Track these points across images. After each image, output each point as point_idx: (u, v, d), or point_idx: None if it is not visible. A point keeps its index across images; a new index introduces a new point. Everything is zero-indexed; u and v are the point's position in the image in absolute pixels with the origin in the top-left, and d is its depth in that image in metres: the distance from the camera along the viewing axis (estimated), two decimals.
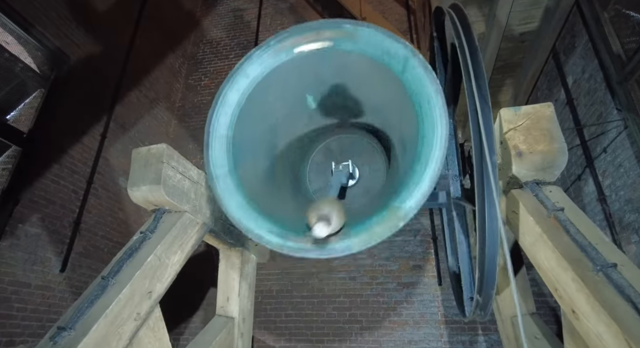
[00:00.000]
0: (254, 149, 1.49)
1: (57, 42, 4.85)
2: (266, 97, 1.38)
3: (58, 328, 1.31)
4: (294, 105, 1.62)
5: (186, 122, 7.34)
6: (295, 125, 1.75)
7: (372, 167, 1.89)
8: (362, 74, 1.39)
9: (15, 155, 4.21)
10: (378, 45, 1.20)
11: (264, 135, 1.57)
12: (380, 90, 1.43)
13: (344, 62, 1.31)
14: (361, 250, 1.17)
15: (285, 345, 5.14)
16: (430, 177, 1.14)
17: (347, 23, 1.23)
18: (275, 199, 1.57)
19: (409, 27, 6.89)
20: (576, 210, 1.37)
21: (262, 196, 1.45)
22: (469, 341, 4.73)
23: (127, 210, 5.70)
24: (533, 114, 1.50)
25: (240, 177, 1.35)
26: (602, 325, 1.04)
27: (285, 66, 1.29)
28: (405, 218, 1.15)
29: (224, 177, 1.32)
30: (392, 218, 1.16)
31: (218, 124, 1.31)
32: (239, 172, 1.35)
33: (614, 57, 3.31)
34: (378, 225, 1.17)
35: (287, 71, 1.31)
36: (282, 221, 1.34)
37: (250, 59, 1.28)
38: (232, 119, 1.31)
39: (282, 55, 1.27)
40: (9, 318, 3.80)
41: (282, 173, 1.74)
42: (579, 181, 3.86)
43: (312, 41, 1.25)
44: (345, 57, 1.28)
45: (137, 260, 1.57)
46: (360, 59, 1.26)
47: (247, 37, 7.94)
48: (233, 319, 2.28)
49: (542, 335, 1.76)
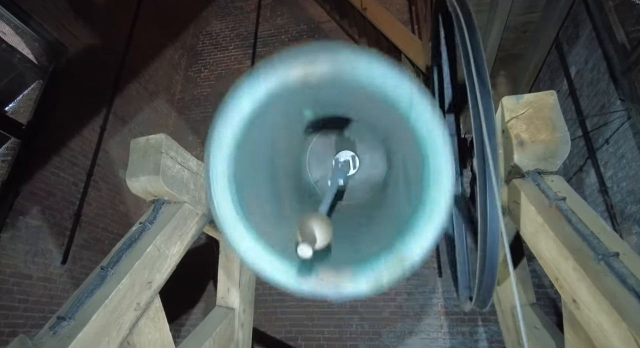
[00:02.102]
0: (255, 177, 1.45)
1: (55, 33, 4.81)
2: (263, 125, 1.31)
3: (58, 318, 1.31)
4: (291, 128, 1.60)
5: (186, 114, 7.31)
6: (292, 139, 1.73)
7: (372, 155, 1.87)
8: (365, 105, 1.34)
9: (14, 147, 4.20)
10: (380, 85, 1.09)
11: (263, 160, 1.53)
12: (383, 119, 1.37)
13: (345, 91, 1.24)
14: (370, 295, 1.19)
15: (286, 336, 5.18)
16: (435, 231, 1.11)
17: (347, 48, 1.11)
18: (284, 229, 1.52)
19: (410, 18, 6.82)
20: (578, 199, 1.36)
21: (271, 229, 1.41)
22: (469, 332, 4.76)
23: (127, 203, 5.71)
24: (535, 102, 1.48)
25: (247, 214, 1.30)
26: (603, 314, 1.03)
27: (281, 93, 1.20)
28: (411, 269, 1.15)
29: (233, 220, 1.28)
30: (399, 268, 1.15)
31: (217, 161, 1.25)
32: (245, 208, 1.30)
33: (618, 46, 3.27)
34: (385, 272, 1.16)
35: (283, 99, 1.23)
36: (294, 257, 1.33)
37: (242, 90, 1.19)
38: (231, 153, 1.25)
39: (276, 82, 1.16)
40: (11, 309, 3.83)
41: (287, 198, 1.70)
42: (581, 172, 3.84)
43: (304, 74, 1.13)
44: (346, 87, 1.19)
45: (137, 251, 1.57)
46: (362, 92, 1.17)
47: (247, 28, 7.87)
48: (233, 310, 2.28)
49: (542, 325, 1.76)
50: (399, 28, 5.88)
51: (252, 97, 1.16)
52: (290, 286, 1.24)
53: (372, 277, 1.17)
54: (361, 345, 4.95)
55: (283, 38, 7.62)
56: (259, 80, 1.15)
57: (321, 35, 7.42)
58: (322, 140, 1.91)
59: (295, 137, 1.71)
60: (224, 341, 2.15)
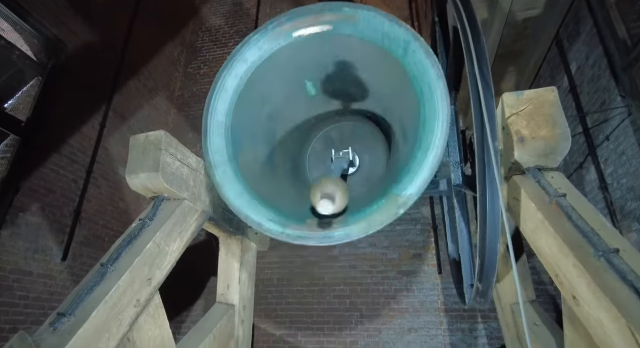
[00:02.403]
0: (253, 136, 1.47)
1: (54, 30, 4.79)
2: (265, 83, 1.35)
3: (58, 314, 1.31)
4: (294, 91, 1.59)
5: (186, 111, 7.30)
6: (295, 112, 1.72)
7: (372, 155, 1.87)
8: (362, 59, 1.36)
9: (14, 144, 4.19)
10: (378, 28, 1.17)
11: (263, 122, 1.54)
12: (381, 75, 1.40)
13: (344, 47, 1.28)
14: (360, 237, 1.16)
15: (286, 332, 5.20)
16: (431, 164, 1.12)
17: (347, 6, 1.20)
18: (275, 187, 1.55)
19: (410, 14, 6.80)
20: (578, 196, 1.35)
21: (262, 184, 1.43)
22: (468, 329, 4.77)
23: (127, 200, 5.71)
24: (536, 99, 1.48)
25: (239, 164, 1.33)
26: (603, 311, 1.03)
27: (285, 51, 1.25)
28: (405, 205, 1.14)
29: (223, 165, 1.30)
30: (392, 206, 1.14)
31: (216, 111, 1.28)
32: (238, 159, 1.32)
33: (620, 43, 3.26)
34: (378, 213, 1.16)
35: (286, 56, 1.28)
36: (282, 209, 1.33)
37: (249, 44, 1.25)
38: (231, 106, 1.28)
39: (281, 40, 1.23)
40: (11, 306, 3.84)
41: (282, 160, 1.72)
42: (581, 169, 3.84)
43: (311, 25, 1.21)
44: (346, 41, 1.24)
45: (137, 248, 1.57)
46: (360, 43, 1.22)
47: (247, 24, 7.84)
48: (234, 307, 2.29)
49: (541, 322, 1.76)
50: None
51: (258, 51, 1.20)
52: (275, 231, 1.24)
53: (363, 220, 1.17)
54: (361, 342, 4.97)
55: None
56: (265, 34, 1.20)
57: None
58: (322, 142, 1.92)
59: (297, 106, 1.70)
60: (224, 338, 2.15)
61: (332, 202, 0.97)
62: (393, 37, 1.16)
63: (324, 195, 0.98)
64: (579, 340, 1.32)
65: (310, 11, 1.22)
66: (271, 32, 1.23)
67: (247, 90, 1.29)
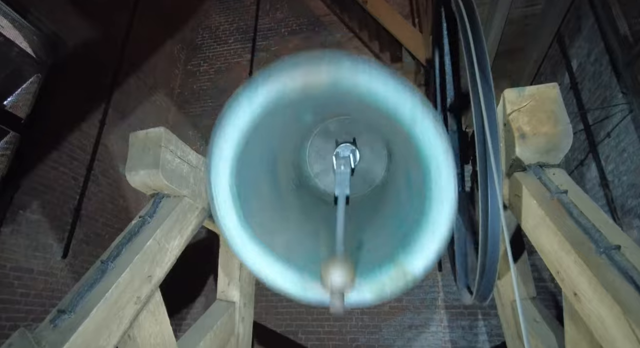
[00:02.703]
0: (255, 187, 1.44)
1: (52, 26, 4.77)
2: (260, 139, 1.29)
3: (58, 311, 1.31)
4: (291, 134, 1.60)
5: (185, 109, 7.28)
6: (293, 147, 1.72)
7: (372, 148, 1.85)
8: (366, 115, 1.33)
9: (13, 141, 4.19)
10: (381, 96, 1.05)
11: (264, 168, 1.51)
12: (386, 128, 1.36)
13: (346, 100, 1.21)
14: (373, 304, 1.21)
15: (287, 329, 5.21)
16: (438, 247, 1.12)
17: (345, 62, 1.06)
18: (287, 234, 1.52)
19: (410, 11, 6.77)
20: (580, 192, 1.35)
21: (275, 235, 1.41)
22: (468, 326, 4.78)
23: (127, 197, 5.71)
24: (537, 95, 1.47)
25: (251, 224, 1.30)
26: (604, 308, 1.03)
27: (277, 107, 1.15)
28: (413, 281, 1.16)
29: (237, 230, 1.29)
30: (402, 279, 1.16)
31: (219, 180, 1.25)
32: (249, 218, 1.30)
33: (621, 39, 3.25)
34: (388, 282, 1.18)
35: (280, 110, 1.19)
36: (299, 263, 1.34)
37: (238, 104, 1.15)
38: (232, 171, 1.24)
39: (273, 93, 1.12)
40: (12, 303, 3.85)
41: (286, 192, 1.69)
42: (582, 166, 3.83)
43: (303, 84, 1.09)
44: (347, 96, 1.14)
45: (137, 245, 1.57)
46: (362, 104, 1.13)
47: (247, 21, 7.81)
48: (234, 304, 2.29)
49: (541, 318, 1.76)
50: (399, 21, 5.83)
51: (250, 108, 1.13)
52: (297, 294, 1.27)
53: (375, 286, 1.19)
54: (361, 339, 4.98)
55: (283, 32, 7.56)
56: (257, 90, 1.12)
57: (321, 28, 7.36)
58: (323, 134, 1.90)
59: (294, 140, 1.69)
60: (224, 335, 2.16)
61: (341, 297, 0.99)
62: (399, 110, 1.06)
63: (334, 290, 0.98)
64: (579, 337, 1.32)
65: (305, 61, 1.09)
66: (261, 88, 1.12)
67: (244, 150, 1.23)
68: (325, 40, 7.19)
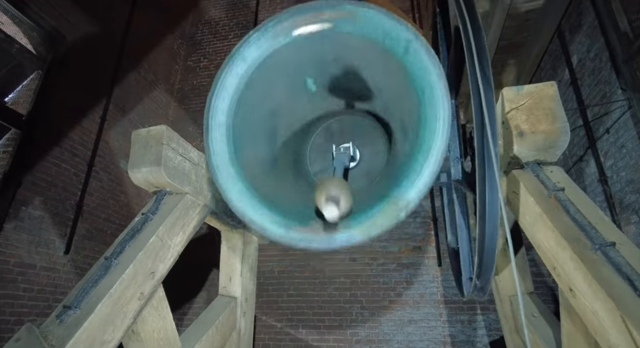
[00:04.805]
0: (254, 135, 1.47)
1: (52, 22, 4.76)
2: (266, 81, 1.34)
3: (64, 307, 1.33)
4: (294, 87, 1.60)
5: (186, 104, 7.28)
6: (295, 107, 1.73)
7: (372, 148, 1.87)
8: (363, 57, 1.36)
9: (15, 138, 4.20)
10: (379, 27, 1.15)
11: (264, 120, 1.54)
12: (382, 74, 1.40)
13: (345, 44, 1.28)
14: (363, 240, 1.15)
15: (287, 324, 5.26)
16: (432, 168, 1.10)
17: (347, 3, 1.17)
18: (278, 186, 1.55)
19: (411, 6, 6.74)
20: (577, 190, 1.37)
21: (265, 184, 1.42)
22: (467, 320, 4.82)
23: (128, 193, 5.73)
24: (536, 93, 1.48)
25: (242, 166, 1.32)
26: (599, 302, 1.05)
27: (285, 49, 1.24)
28: (406, 208, 1.12)
29: (225, 166, 1.29)
30: (393, 209, 1.13)
31: (217, 111, 1.27)
32: (240, 159, 1.31)
33: (621, 35, 3.25)
34: (379, 216, 1.14)
35: (286, 54, 1.27)
36: (285, 209, 1.32)
37: (248, 43, 1.23)
38: (231, 105, 1.27)
39: (281, 38, 1.22)
40: (16, 298, 3.88)
41: (283, 156, 1.72)
42: (581, 162, 3.85)
43: (311, 23, 1.19)
44: (346, 39, 1.23)
45: (140, 241, 1.59)
46: (361, 41, 1.21)
47: (246, 17, 7.79)
48: (235, 299, 2.32)
49: (539, 313, 1.79)
50: (400, 16, 5.81)
51: (257, 49, 1.19)
52: (279, 234, 1.23)
53: (365, 223, 1.16)
54: (361, 333, 5.02)
55: None
56: (265, 32, 1.19)
57: None
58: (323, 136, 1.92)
59: (298, 102, 1.70)
60: (226, 329, 2.19)
61: (337, 206, 0.96)
62: (394, 36, 1.15)
63: (329, 197, 0.97)
64: (575, 331, 1.35)
65: (310, 8, 1.20)
66: (270, 30, 1.22)
67: (248, 89, 1.29)
68: None
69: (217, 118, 1.26)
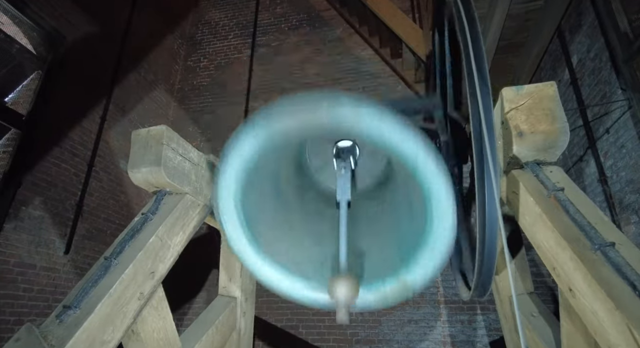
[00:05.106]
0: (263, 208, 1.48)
1: (52, 22, 4.77)
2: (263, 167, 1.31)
3: (64, 307, 1.33)
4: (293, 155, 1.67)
5: (186, 104, 7.28)
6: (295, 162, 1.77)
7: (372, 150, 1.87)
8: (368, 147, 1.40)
9: (15, 138, 4.20)
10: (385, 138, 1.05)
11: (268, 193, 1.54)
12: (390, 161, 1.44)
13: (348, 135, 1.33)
14: (378, 309, 1.37)
15: (288, 324, 5.25)
16: (437, 265, 1.18)
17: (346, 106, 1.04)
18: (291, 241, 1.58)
19: (411, 6, 6.74)
20: (576, 190, 1.37)
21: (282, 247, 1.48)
22: (467, 320, 4.82)
23: (128, 193, 5.73)
24: (535, 93, 1.48)
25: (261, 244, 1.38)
26: (598, 303, 1.05)
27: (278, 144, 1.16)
28: (413, 291, 1.25)
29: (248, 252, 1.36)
30: (402, 289, 1.25)
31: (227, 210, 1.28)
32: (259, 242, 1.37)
33: (621, 35, 3.25)
34: (390, 293, 1.28)
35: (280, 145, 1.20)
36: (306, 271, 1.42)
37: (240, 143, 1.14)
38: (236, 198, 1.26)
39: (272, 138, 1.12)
40: (16, 298, 3.88)
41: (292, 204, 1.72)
42: (581, 162, 3.85)
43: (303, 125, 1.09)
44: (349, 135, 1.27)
45: (139, 241, 1.59)
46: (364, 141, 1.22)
47: (246, 17, 7.78)
48: (235, 299, 2.32)
49: (539, 313, 1.79)
50: (400, 17, 5.81)
51: (251, 146, 1.13)
52: (307, 302, 1.36)
53: (378, 295, 1.28)
54: (361, 333, 5.02)
55: (283, 27, 7.54)
56: (258, 132, 1.10)
57: (321, 24, 7.33)
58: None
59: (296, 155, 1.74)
60: (226, 329, 2.19)
61: (347, 312, 1.08)
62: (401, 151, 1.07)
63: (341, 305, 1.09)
64: (574, 331, 1.35)
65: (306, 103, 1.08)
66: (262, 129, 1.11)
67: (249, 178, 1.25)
68: (326, 36, 7.17)
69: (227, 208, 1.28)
